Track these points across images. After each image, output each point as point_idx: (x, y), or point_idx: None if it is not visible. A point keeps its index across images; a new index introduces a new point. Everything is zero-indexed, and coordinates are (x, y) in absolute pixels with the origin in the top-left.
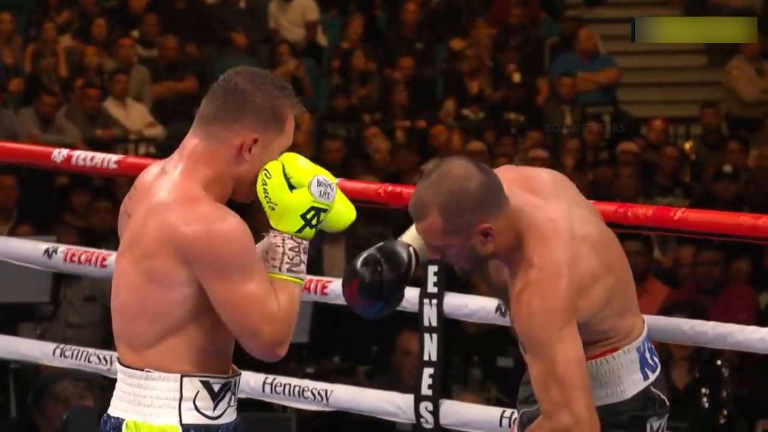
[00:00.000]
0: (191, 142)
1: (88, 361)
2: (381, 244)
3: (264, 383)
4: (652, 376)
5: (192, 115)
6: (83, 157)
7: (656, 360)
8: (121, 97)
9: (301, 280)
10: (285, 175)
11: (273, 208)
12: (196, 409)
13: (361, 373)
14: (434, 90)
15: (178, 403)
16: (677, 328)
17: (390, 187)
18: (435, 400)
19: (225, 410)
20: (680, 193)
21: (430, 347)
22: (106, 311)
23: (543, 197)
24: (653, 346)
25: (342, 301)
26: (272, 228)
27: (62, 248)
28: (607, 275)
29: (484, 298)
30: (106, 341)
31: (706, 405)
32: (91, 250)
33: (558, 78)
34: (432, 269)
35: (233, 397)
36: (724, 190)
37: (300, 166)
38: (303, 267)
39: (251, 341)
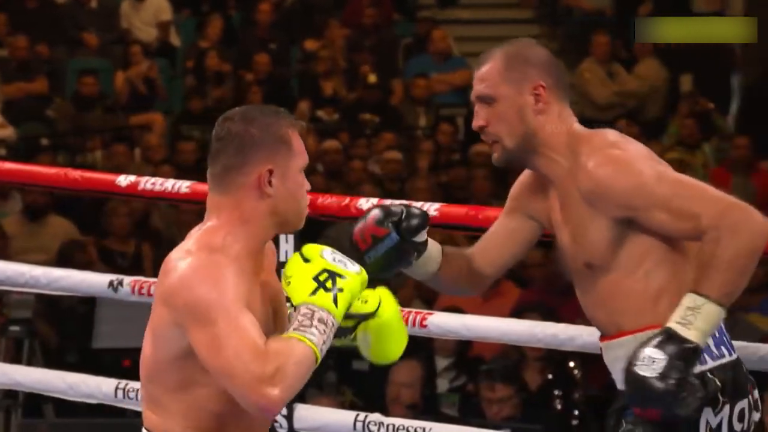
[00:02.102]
0: (213, 199)
1: None
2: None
3: (116, 388)
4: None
5: (43, 116)
6: None
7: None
8: None
9: (307, 339)
10: (301, 254)
11: (289, 283)
12: None
13: None
14: (289, 91)
15: None
16: (529, 331)
17: None
18: (289, 403)
19: None
20: None
21: None
22: None
23: None
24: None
25: None
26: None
27: None
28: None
29: None
30: None
31: (559, 406)
32: None
33: (412, 79)
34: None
35: None
36: None
37: (315, 247)
38: (314, 330)
39: (230, 384)
